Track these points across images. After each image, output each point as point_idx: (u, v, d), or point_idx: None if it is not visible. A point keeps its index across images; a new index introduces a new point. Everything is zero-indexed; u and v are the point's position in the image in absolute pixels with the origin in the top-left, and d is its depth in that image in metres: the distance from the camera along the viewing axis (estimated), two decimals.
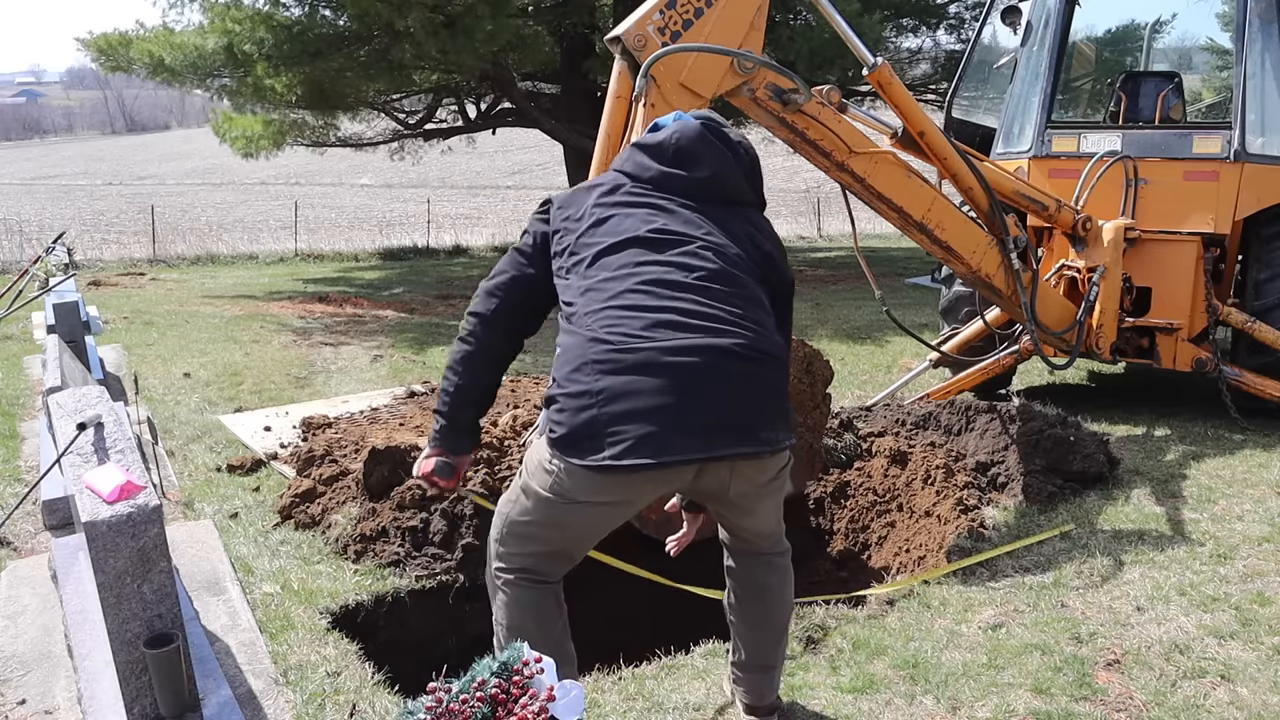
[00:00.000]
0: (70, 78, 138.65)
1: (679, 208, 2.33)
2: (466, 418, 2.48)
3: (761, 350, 2.21)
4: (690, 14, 3.70)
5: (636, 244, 2.25)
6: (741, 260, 2.31)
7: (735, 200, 2.42)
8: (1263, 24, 5.60)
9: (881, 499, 4.38)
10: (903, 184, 4.24)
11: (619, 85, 3.78)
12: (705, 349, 2.12)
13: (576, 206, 2.39)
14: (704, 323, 2.16)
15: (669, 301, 2.17)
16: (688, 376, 2.10)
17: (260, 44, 11.79)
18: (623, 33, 3.68)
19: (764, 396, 2.20)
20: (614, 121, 3.79)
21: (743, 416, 2.15)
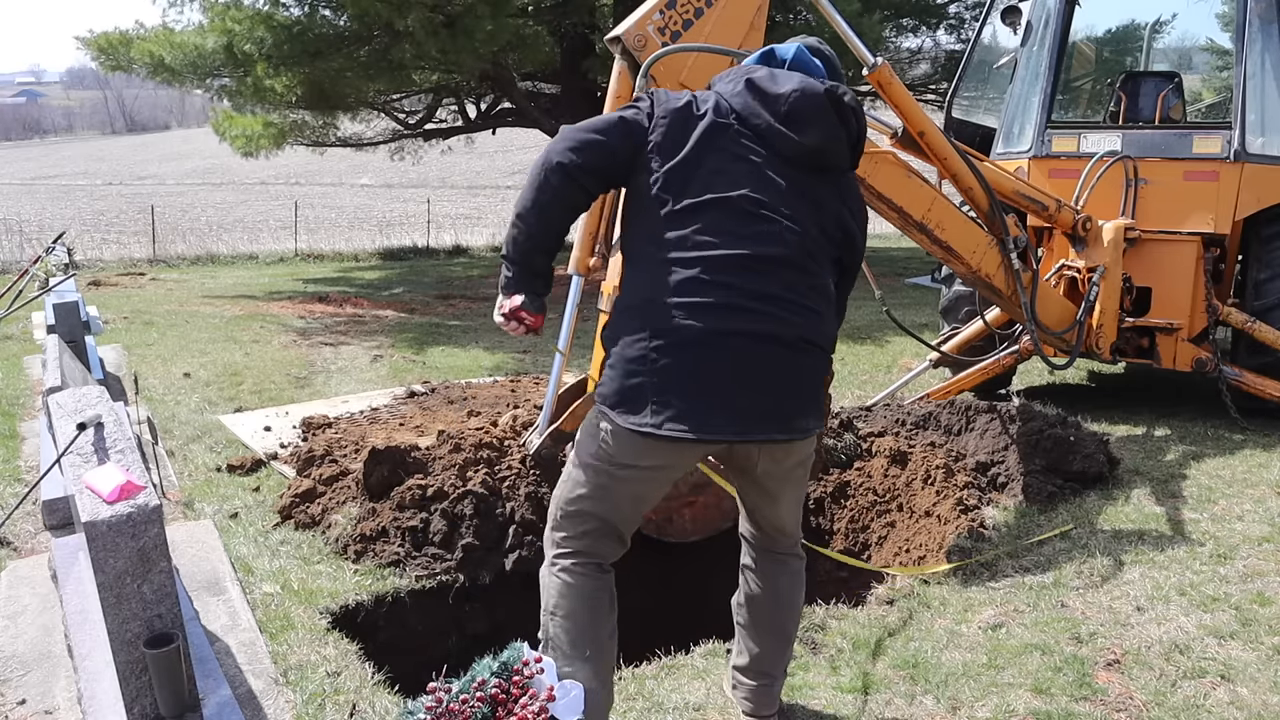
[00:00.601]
0: (70, 78, 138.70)
1: (776, 172, 2.28)
2: (541, 263, 2.40)
3: (812, 340, 2.28)
4: (690, 14, 3.70)
5: (725, 210, 2.23)
6: (820, 242, 2.31)
7: (834, 167, 2.38)
8: (1263, 24, 5.60)
9: (881, 499, 4.38)
10: (903, 184, 4.24)
11: (619, 85, 3.77)
12: (761, 336, 2.20)
13: (679, 125, 2.30)
14: (767, 307, 2.21)
15: (738, 280, 2.20)
16: (739, 359, 2.18)
17: (260, 44, 11.79)
18: (623, 33, 3.68)
19: (805, 385, 2.29)
20: None
21: (783, 404, 2.24)
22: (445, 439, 4.18)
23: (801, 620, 3.31)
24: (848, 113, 2.34)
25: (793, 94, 2.29)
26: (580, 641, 2.37)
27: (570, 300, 3.84)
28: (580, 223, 3.87)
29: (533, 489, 3.86)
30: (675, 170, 2.25)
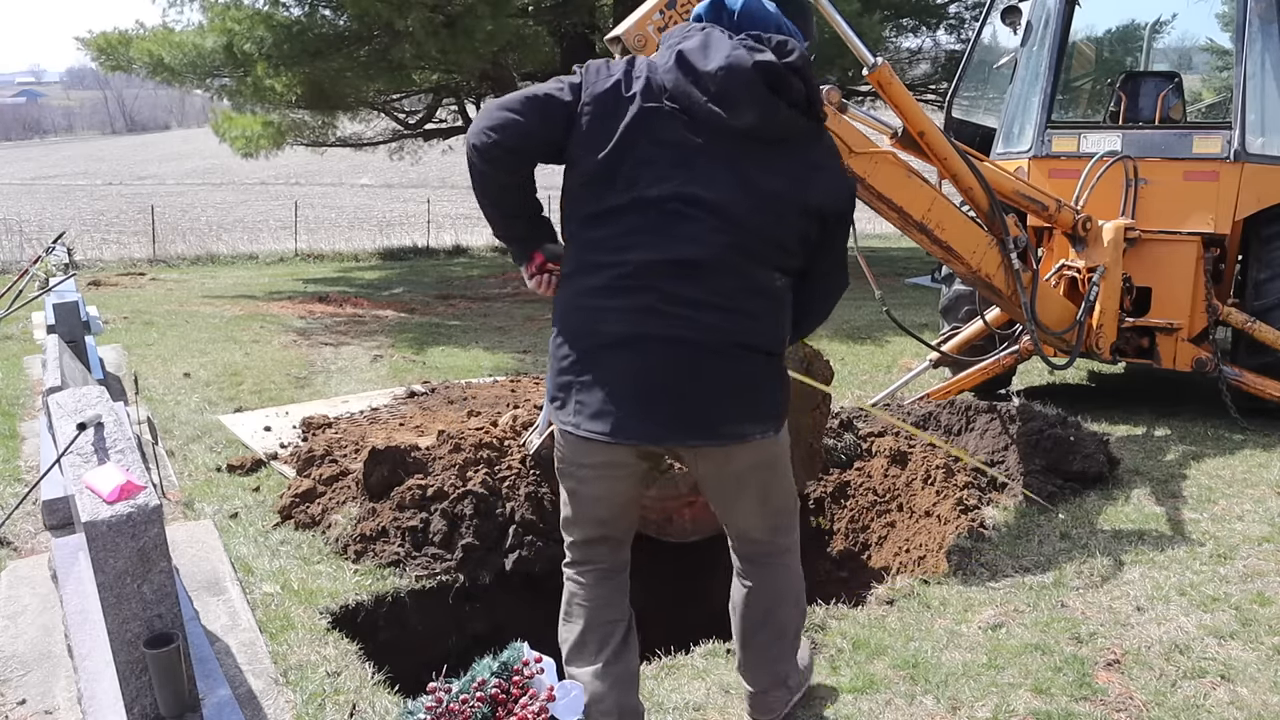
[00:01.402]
0: (70, 78, 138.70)
1: (712, 158, 2.13)
2: (524, 226, 2.39)
3: (747, 344, 2.18)
4: (688, 14, 3.71)
5: (648, 212, 2.13)
6: (762, 237, 2.16)
7: (785, 140, 2.19)
8: (1263, 24, 5.60)
9: (881, 499, 4.38)
10: (903, 184, 4.24)
11: None
12: (683, 341, 2.13)
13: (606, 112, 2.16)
14: (691, 312, 2.13)
15: (661, 284, 2.13)
16: (659, 364, 2.14)
17: (260, 43, 11.80)
18: (623, 33, 3.68)
19: (733, 390, 2.19)
20: None
21: (709, 410, 2.17)
22: (445, 439, 4.18)
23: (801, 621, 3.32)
24: (785, 81, 2.13)
25: (719, 72, 2.11)
26: (583, 645, 2.40)
27: None
28: None
29: (533, 489, 3.86)
30: (600, 165, 2.15)
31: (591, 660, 2.39)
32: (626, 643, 2.44)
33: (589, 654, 2.40)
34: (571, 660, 2.41)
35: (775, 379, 2.29)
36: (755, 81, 2.11)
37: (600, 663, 2.38)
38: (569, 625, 2.44)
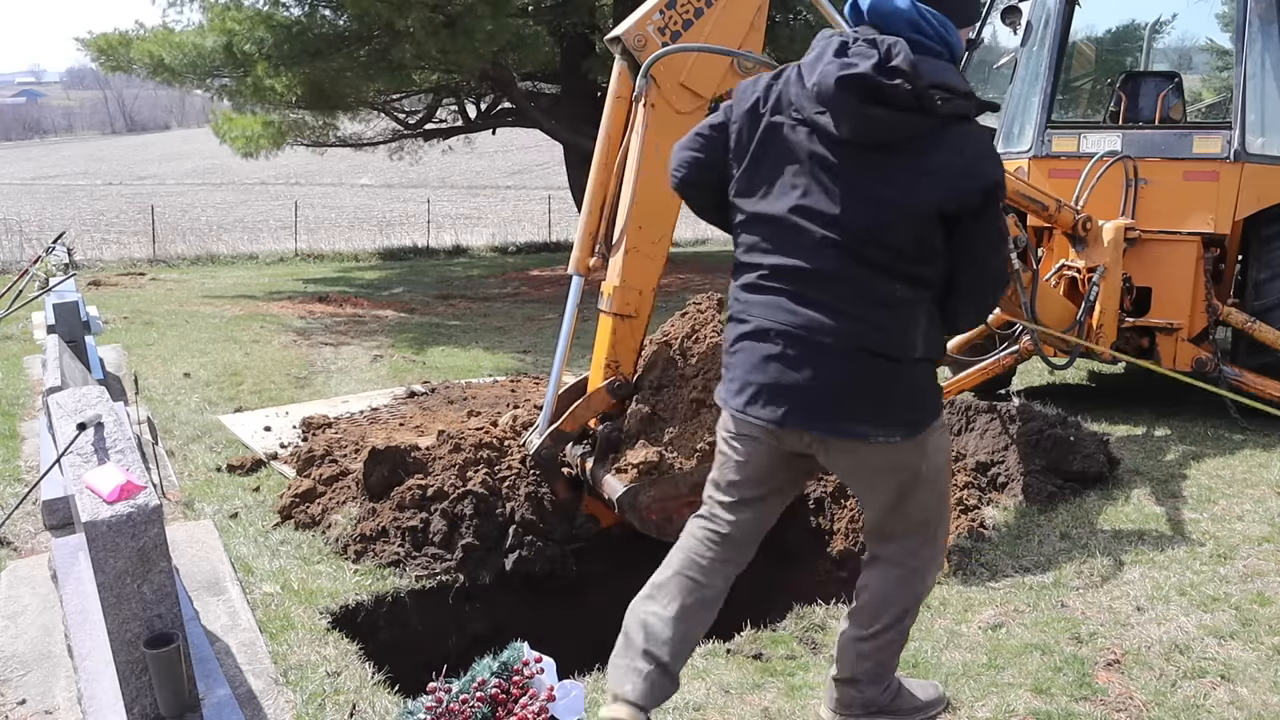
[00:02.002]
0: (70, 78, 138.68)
1: (829, 170, 2.24)
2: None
3: (870, 349, 2.26)
4: (690, 14, 3.71)
5: (775, 224, 2.32)
6: (872, 243, 2.22)
7: (888, 143, 2.21)
8: (1263, 24, 5.60)
9: None
10: None
11: (619, 85, 3.79)
12: (804, 338, 2.28)
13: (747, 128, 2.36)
14: (813, 312, 2.28)
15: (794, 287, 2.30)
16: (782, 357, 2.31)
17: (260, 44, 11.80)
18: (623, 33, 3.69)
19: (853, 391, 2.28)
20: (614, 122, 3.81)
21: (823, 404, 2.30)
22: (445, 439, 4.18)
23: (801, 620, 3.33)
24: (878, 88, 2.15)
25: (814, 88, 2.22)
26: (661, 587, 2.50)
27: (570, 300, 3.84)
28: (580, 222, 3.87)
29: (533, 489, 3.86)
30: (743, 177, 2.36)
31: (660, 604, 2.47)
32: (698, 613, 2.48)
33: (661, 598, 2.48)
34: (643, 594, 2.52)
35: (905, 386, 2.31)
36: (842, 96, 2.18)
37: (667, 611, 2.45)
38: (663, 566, 2.56)
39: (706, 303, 4.17)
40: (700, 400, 3.70)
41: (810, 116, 2.24)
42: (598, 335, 3.86)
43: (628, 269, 3.73)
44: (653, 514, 3.50)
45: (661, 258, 3.84)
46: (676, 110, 3.72)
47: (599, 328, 3.87)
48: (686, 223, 22.05)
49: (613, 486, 3.52)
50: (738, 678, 2.93)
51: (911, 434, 2.32)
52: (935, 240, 2.23)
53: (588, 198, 3.87)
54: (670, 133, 3.76)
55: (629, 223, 3.72)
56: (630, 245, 3.73)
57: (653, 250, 3.78)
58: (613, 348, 3.79)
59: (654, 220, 3.75)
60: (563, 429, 3.80)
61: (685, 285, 13.14)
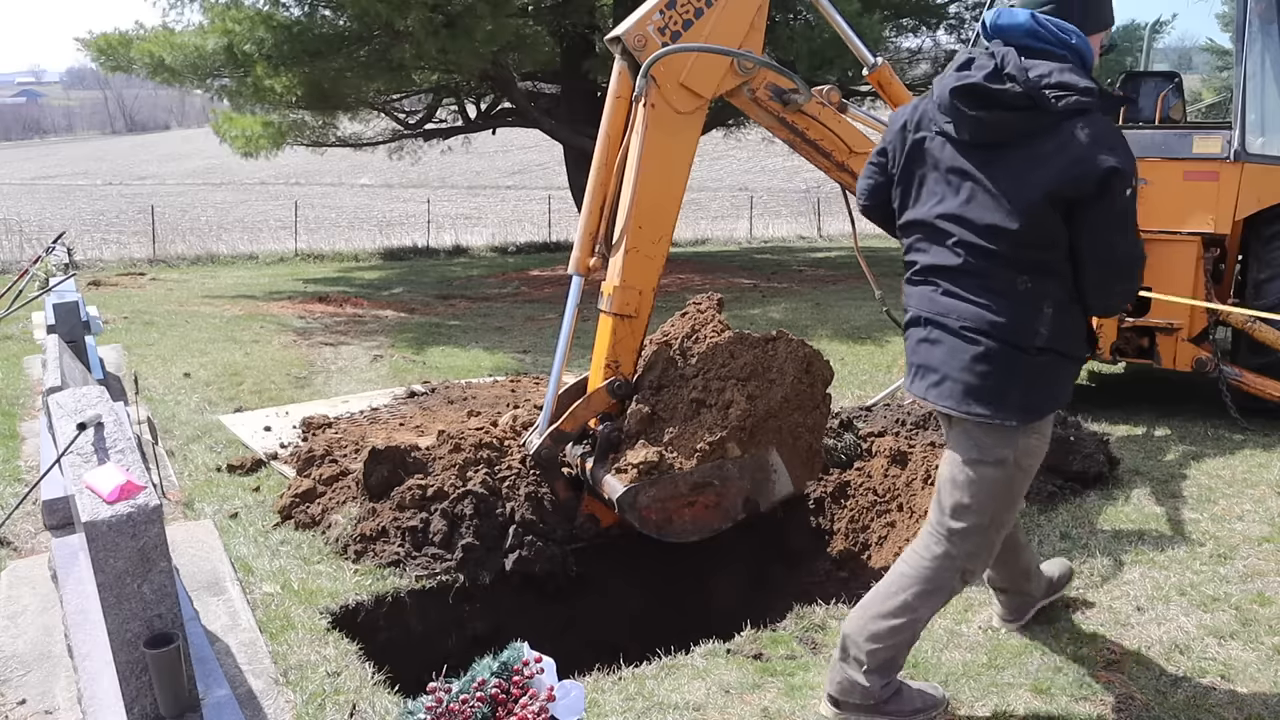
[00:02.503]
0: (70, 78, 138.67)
1: (958, 174, 2.54)
2: None
3: (988, 335, 2.50)
4: (690, 14, 3.71)
5: (918, 228, 2.66)
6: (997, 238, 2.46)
7: (1005, 141, 2.47)
8: (1263, 24, 5.59)
9: (881, 499, 4.37)
10: None
11: (619, 85, 3.79)
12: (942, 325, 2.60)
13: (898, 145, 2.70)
14: (950, 302, 2.58)
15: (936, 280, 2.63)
16: (928, 341, 2.65)
17: (260, 44, 11.79)
18: (623, 33, 3.69)
19: (977, 374, 2.53)
20: (614, 122, 3.81)
21: (953, 384, 2.58)
22: (445, 439, 4.18)
23: (801, 620, 3.33)
24: (987, 94, 2.43)
25: (938, 101, 2.57)
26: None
27: (570, 300, 3.84)
28: (580, 223, 3.87)
29: (533, 489, 3.86)
30: (899, 190, 2.72)
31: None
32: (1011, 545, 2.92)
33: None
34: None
35: (1024, 373, 2.51)
36: (957, 104, 2.49)
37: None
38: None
39: (706, 303, 4.17)
40: (700, 400, 3.70)
41: (942, 127, 2.57)
42: (598, 335, 3.86)
43: (628, 269, 3.73)
44: (652, 514, 3.50)
45: (661, 258, 3.84)
46: (676, 110, 3.72)
47: (599, 328, 3.86)
48: (686, 223, 22.04)
49: (612, 486, 3.53)
50: (738, 678, 2.93)
51: (1026, 420, 2.54)
52: (1054, 228, 2.43)
53: (587, 198, 3.87)
54: (670, 132, 3.76)
55: (629, 223, 3.72)
56: (630, 245, 3.73)
57: (652, 250, 3.78)
58: (613, 348, 3.78)
59: (653, 220, 3.75)
60: (563, 429, 3.80)
61: (685, 285, 13.14)
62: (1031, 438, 2.58)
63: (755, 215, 24.56)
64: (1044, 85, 2.38)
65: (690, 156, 3.87)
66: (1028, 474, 2.63)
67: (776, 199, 30.49)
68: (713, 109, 4.32)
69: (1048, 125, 2.40)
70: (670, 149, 3.76)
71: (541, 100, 16.41)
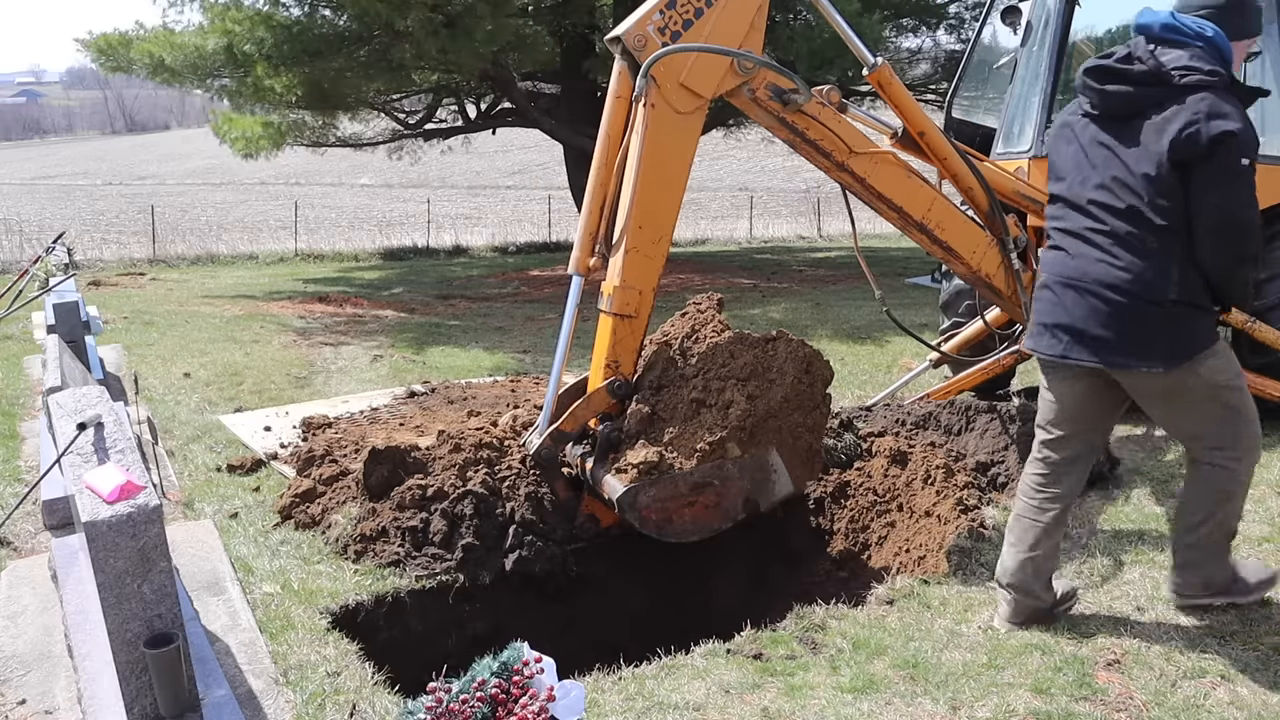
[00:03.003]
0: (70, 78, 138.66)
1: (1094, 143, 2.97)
2: None
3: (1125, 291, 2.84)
4: (690, 14, 3.71)
5: (1060, 201, 3.09)
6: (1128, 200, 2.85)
7: (1136, 113, 2.87)
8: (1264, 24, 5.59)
9: (881, 499, 4.38)
10: (903, 184, 4.24)
11: (619, 85, 3.79)
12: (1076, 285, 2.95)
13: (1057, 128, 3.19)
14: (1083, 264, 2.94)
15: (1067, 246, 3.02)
16: (1061, 301, 2.99)
17: (260, 44, 11.80)
18: (623, 33, 3.69)
19: (1116, 328, 2.87)
20: (614, 121, 3.81)
21: (1092, 338, 2.91)
22: (445, 439, 4.18)
23: (801, 620, 3.33)
24: (1114, 73, 2.91)
25: (1080, 83, 3.03)
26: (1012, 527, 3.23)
27: (570, 300, 3.84)
28: (580, 222, 3.86)
29: (532, 489, 3.86)
30: (1051, 169, 3.16)
31: (1007, 544, 3.22)
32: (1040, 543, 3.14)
33: (1012, 534, 3.21)
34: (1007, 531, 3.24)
35: (1161, 324, 2.83)
36: (1090, 81, 2.99)
37: (1012, 549, 3.19)
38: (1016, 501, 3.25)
39: (706, 303, 4.17)
40: (700, 400, 3.70)
41: (1085, 109, 3.03)
42: (598, 335, 3.86)
43: (628, 269, 3.73)
44: (652, 514, 3.50)
45: (661, 258, 3.84)
46: (676, 110, 3.72)
47: (599, 328, 3.86)
48: (686, 223, 22.03)
49: (612, 486, 3.53)
50: (738, 678, 2.93)
51: (1172, 365, 2.85)
52: (1175, 190, 2.78)
53: (587, 197, 3.87)
54: (669, 133, 3.75)
55: (629, 223, 3.71)
56: (630, 245, 3.73)
57: (652, 250, 3.78)
58: (613, 348, 3.78)
59: (653, 220, 3.75)
60: (562, 429, 3.80)
61: (685, 285, 13.15)
62: (1204, 362, 2.88)
63: (755, 215, 24.57)
64: (1171, 67, 2.80)
65: (690, 156, 3.87)
66: (1230, 380, 2.97)
67: (776, 199, 30.51)
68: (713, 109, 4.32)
69: (1173, 98, 2.78)
70: (670, 149, 3.76)
71: (541, 100, 16.41)
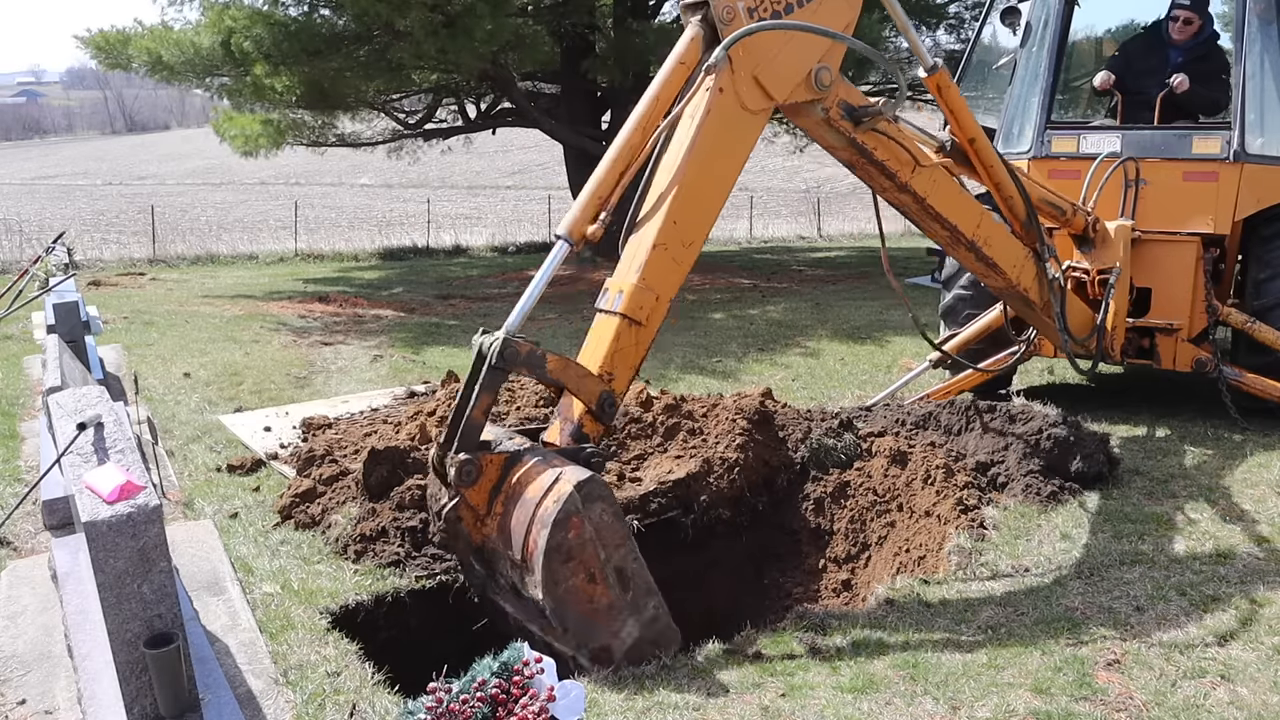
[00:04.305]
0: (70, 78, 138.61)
1: None
2: None
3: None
4: (782, 6, 3.44)
5: None
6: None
7: None
8: (1262, 24, 5.59)
9: (881, 499, 4.38)
10: (956, 201, 4.14)
11: (686, 51, 3.37)
12: None
13: None
14: None
15: None
16: None
17: (258, 42, 11.78)
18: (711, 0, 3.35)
19: None
20: (669, 84, 3.35)
21: None
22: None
23: (802, 620, 3.33)
24: None
25: None
26: None
27: (548, 264, 3.21)
28: (591, 182, 3.29)
29: None
30: None
31: None
32: None
33: None
34: None
35: None
36: None
37: None
38: None
39: None
40: None
41: None
42: (592, 336, 3.32)
43: (651, 267, 3.23)
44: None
45: (688, 264, 3.38)
46: (743, 104, 3.41)
47: (595, 328, 3.33)
48: None
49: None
50: (738, 677, 2.93)
51: None
52: None
53: (611, 156, 3.31)
54: (730, 127, 3.37)
55: (664, 214, 3.26)
56: (659, 240, 3.24)
57: (682, 254, 3.33)
58: (610, 356, 3.20)
59: (691, 218, 3.33)
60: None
61: (685, 285, 13.10)
62: None
63: (755, 215, 24.54)
64: None
65: (744, 160, 3.52)
66: None
67: (776, 199, 30.48)
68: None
69: None
70: (727, 145, 3.41)
71: (541, 100, 16.40)
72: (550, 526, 2.76)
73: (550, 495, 2.82)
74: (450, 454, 2.94)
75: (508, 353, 3.01)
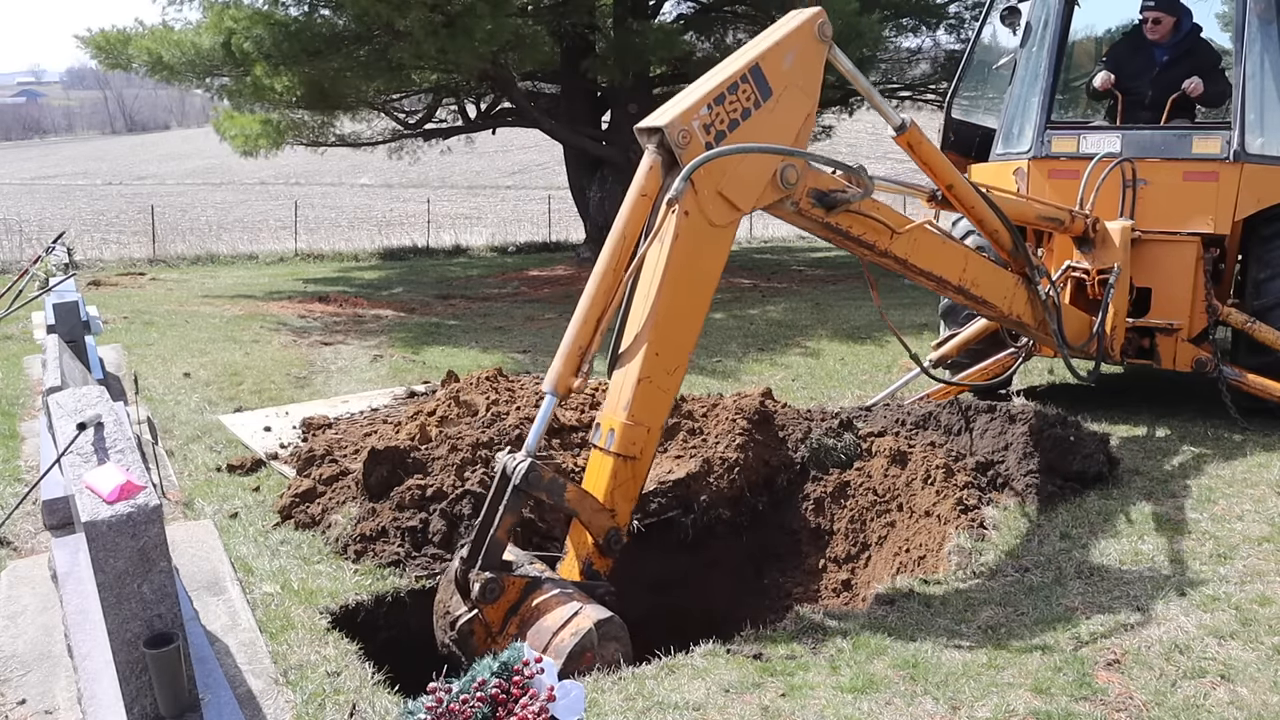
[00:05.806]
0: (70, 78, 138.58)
1: None
2: None
3: None
4: (737, 114, 3.41)
5: None
6: None
7: None
8: (1262, 24, 5.59)
9: (881, 499, 4.38)
10: (939, 253, 4.18)
11: (646, 182, 3.34)
12: None
13: None
14: None
15: None
16: None
17: (258, 42, 11.78)
18: (665, 124, 3.29)
19: None
20: (633, 221, 3.32)
21: None
22: (443, 439, 4.18)
23: (801, 621, 3.33)
24: None
25: None
26: None
27: (539, 422, 3.23)
28: (569, 335, 3.28)
29: None
30: None
31: None
32: None
33: None
34: None
35: None
36: None
37: None
38: None
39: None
40: None
41: None
42: (590, 471, 3.40)
43: (638, 402, 3.25)
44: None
45: (674, 391, 3.39)
46: (710, 221, 3.36)
47: (592, 465, 3.39)
48: None
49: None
50: (738, 677, 2.93)
51: None
52: None
53: (585, 304, 3.27)
54: (700, 246, 3.33)
55: (646, 348, 3.26)
56: (643, 374, 3.25)
57: (667, 383, 3.32)
58: (611, 494, 3.25)
59: (672, 346, 3.32)
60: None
61: None
62: None
63: (755, 215, 24.55)
64: None
65: (717, 276, 3.47)
66: None
67: None
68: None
69: None
70: (700, 265, 3.38)
71: (541, 100, 16.40)
72: (564, 658, 2.86)
73: (568, 628, 2.94)
74: (475, 570, 3.04)
75: (532, 476, 3.11)
